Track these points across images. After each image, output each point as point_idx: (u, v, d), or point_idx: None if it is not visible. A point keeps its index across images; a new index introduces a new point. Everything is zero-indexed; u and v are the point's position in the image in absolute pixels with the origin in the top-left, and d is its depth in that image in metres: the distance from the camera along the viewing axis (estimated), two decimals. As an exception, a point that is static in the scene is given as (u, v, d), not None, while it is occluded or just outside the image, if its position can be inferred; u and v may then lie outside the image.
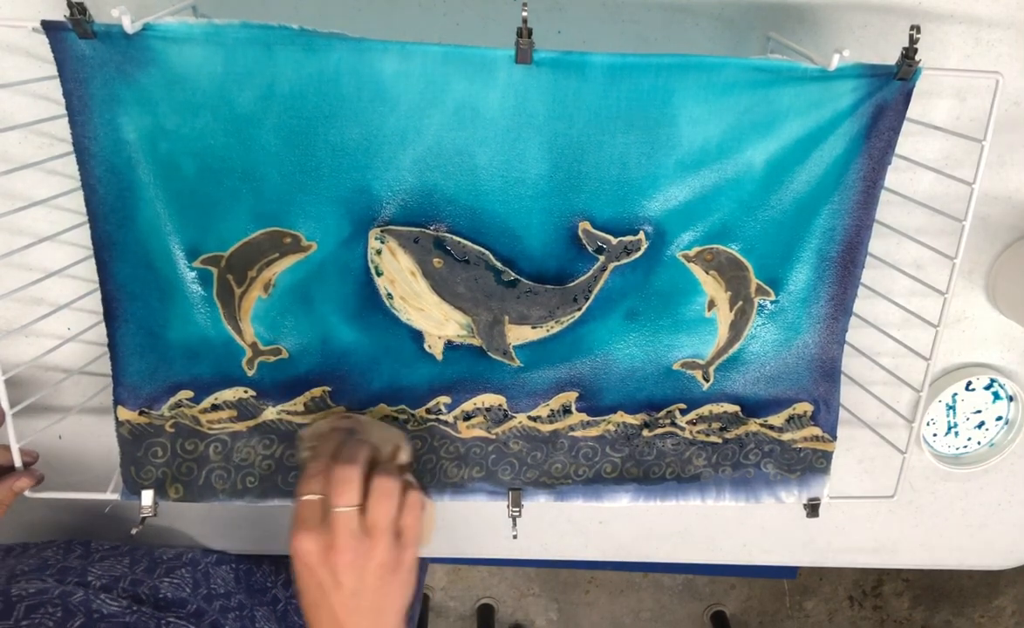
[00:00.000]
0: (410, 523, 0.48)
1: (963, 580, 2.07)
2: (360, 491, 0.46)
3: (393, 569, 0.47)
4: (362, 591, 0.46)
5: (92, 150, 0.46)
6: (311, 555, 0.45)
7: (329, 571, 0.45)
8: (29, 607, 0.53)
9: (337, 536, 0.45)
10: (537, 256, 0.52)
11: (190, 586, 0.63)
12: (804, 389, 0.59)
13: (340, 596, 0.46)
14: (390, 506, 0.46)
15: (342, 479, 0.46)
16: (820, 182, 0.51)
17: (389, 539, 0.46)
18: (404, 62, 0.45)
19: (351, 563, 0.45)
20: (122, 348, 0.52)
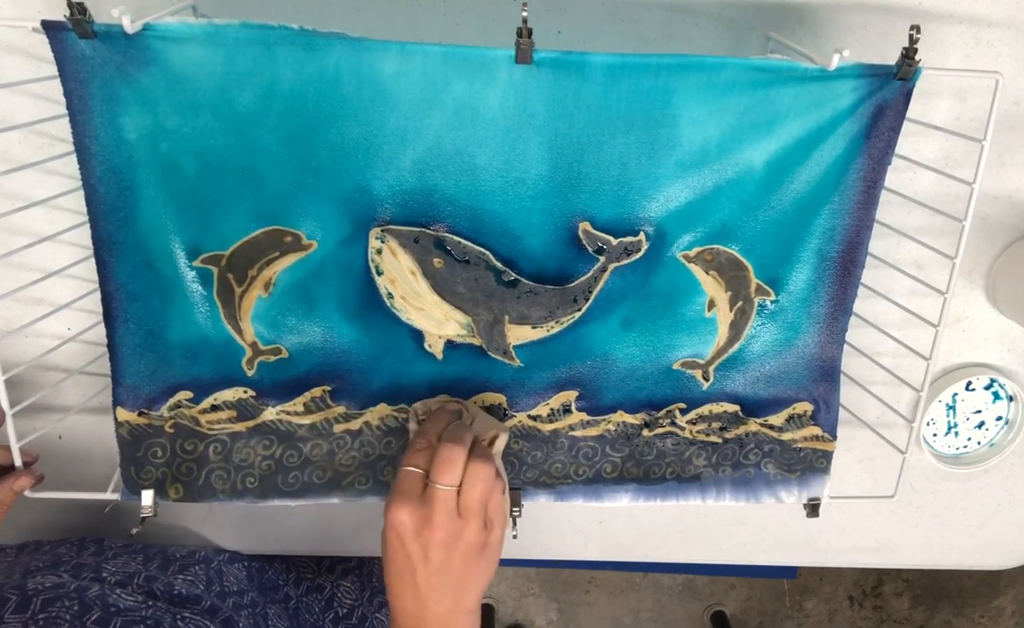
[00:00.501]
0: (495, 508, 0.49)
1: (963, 580, 2.07)
2: (461, 472, 0.48)
3: (479, 551, 0.49)
4: (448, 569, 0.48)
5: (92, 150, 0.46)
6: (406, 526, 0.47)
7: (420, 545, 0.47)
8: (46, 601, 0.53)
9: (435, 512, 0.47)
10: (537, 256, 0.52)
11: (203, 583, 0.63)
12: (804, 389, 0.59)
13: (426, 571, 0.47)
14: (484, 490, 0.48)
15: (447, 458, 0.47)
16: (820, 182, 0.51)
17: (479, 522, 0.48)
18: (404, 62, 0.45)
19: (443, 541, 0.47)
20: (121, 349, 0.52)
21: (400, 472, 0.49)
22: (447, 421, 0.52)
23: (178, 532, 0.71)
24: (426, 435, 0.50)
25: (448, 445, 0.48)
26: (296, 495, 0.57)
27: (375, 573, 0.80)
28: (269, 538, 0.72)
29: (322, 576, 0.75)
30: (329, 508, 0.71)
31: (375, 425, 0.57)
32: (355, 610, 0.75)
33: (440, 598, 0.48)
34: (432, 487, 0.47)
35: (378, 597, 0.78)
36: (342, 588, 0.75)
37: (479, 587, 0.50)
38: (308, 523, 0.72)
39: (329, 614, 0.72)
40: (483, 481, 0.48)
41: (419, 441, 0.50)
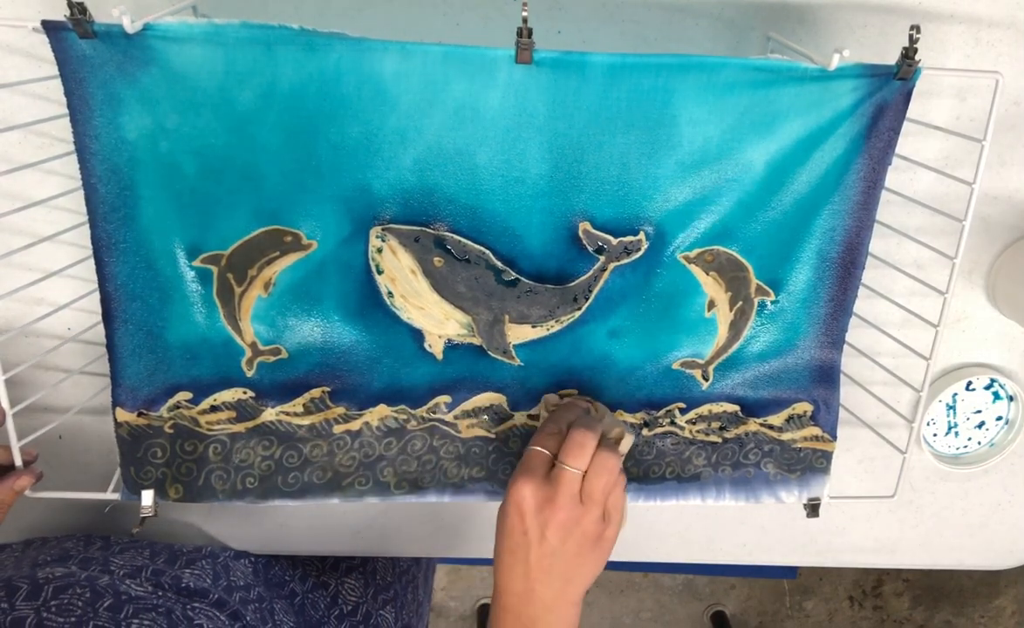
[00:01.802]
0: (615, 503, 0.50)
1: (963, 580, 2.07)
2: (590, 459, 0.49)
3: (594, 542, 0.50)
4: (561, 553, 0.49)
5: (93, 149, 0.46)
6: (528, 502, 0.48)
7: (540, 524, 0.48)
8: (57, 588, 0.54)
9: (559, 492, 0.48)
10: (537, 256, 0.52)
11: (211, 577, 0.63)
12: (804, 389, 0.59)
13: (540, 551, 0.48)
14: (608, 481, 0.49)
15: (579, 442, 0.49)
16: (820, 182, 0.51)
17: (599, 512, 0.49)
18: (404, 62, 0.45)
19: (562, 523, 0.48)
20: (121, 349, 0.52)
21: (528, 451, 0.50)
22: (577, 413, 0.53)
23: (177, 529, 0.71)
24: (557, 422, 0.52)
25: (581, 430, 0.49)
26: (296, 496, 0.57)
27: (378, 571, 0.81)
28: (268, 538, 0.72)
29: (326, 573, 0.76)
30: (329, 508, 0.71)
31: (375, 426, 0.57)
32: (360, 607, 0.75)
33: (549, 582, 0.49)
34: (560, 467, 0.48)
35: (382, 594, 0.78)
36: (346, 585, 0.75)
37: (587, 580, 0.51)
38: (308, 523, 0.72)
39: (334, 610, 0.73)
40: (609, 472, 0.49)
41: (549, 426, 0.51)
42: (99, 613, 0.52)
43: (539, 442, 0.51)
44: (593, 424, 0.51)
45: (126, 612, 0.54)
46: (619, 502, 0.51)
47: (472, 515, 0.73)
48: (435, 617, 1.96)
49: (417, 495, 0.59)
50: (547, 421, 0.53)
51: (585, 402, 0.57)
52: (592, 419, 0.52)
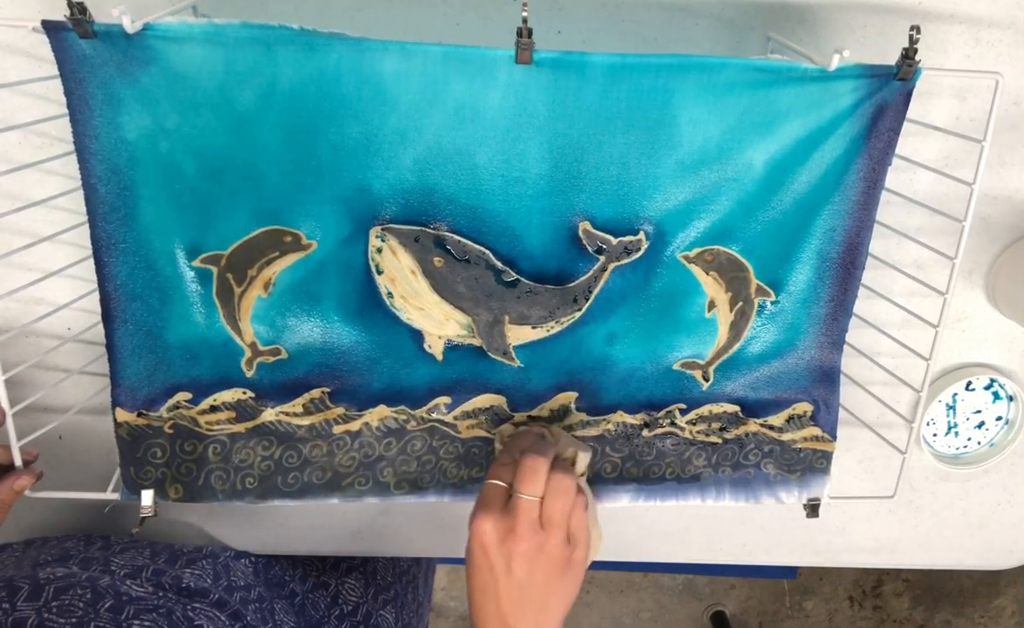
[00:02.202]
0: (578, 525, 0.50)
1: (963, 580, 2.07)
2: (544, 483, 0.48)
3: (562, 568, 0.49)
4: (529, 583, 0.48)
5: (92, 149, 0.46)
6: (489, 536, 0.48)
7: (504, 556, 0.48)
8: (58, 589, 0.54)
9: (519, 522, 0.48)
10: (537, 256, 0.52)
11: (211, 577, 0.63)
12: (804, 389, 0.59)
13: (509, 583, 0.48)
14: (565, 503, 0.48)
15: (530, 468, 0.48)
16: (820, 183, 0.51)
17: (562, 536, 0.49)
18: (404, 62, 0.45)
19: (525, 552, 0.47)
20: (120, 349, 0.52)
21: (484, 485, 0.50)
22: (530, 440, 0.53)
23: (177, 529, 0.71)
24: (510, 452, 0.52)
25: (531, 456, 0.49)
26: (295, 496, 0.57)
27: (378, 571, 0.81)
28: (268, 538, 0.72)
29: (327, 574, 0.76)
30: (329, 508, 0.71)
31: (374, 426, 0.57)
32: (360, 607, 0.75)
33: (522, 615, 0.48)
34: (516, 497, 0.48)
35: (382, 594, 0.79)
36: (347, 585, 0.75)
37: (562, 606, 0.50)
38: (308, 523, 0.72)
39: (334, 611, 0.73)
40: (564, 493, 0.48)
41: (503, 457, 0.52)
42: (100, 614, 0.52)
43: (494, 475, 0.50)
44: (544, 448, 0.50)
45: (127, 613, 0.54)
46: (582, 522, 0.50)
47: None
48: (435, 617, 1.96)
49: (417, 495, 0.59)
50: (501, 452, 0.53)
51: (539, 428, 0.57)
52: (543, 443, 0.52)
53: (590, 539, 0.52)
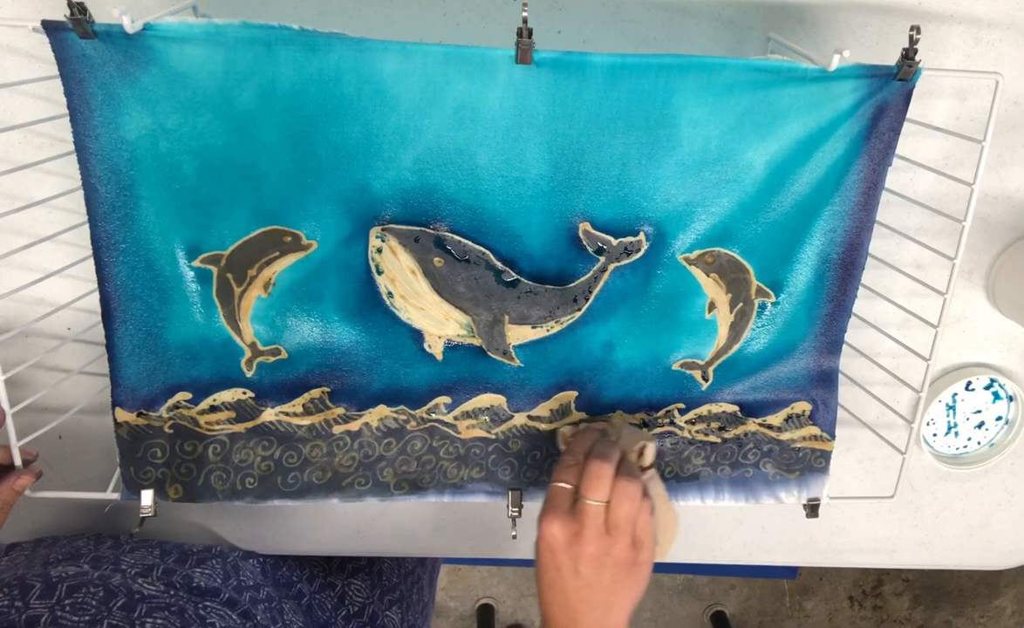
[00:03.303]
0: (643, 528, 0.50)
1: (963, 580, 2.07)
2: (610, 488, 0.49)
3: (628, 569, 0.50)
4: (596, 584, 0.49)
5: (92, 149, 0.46)
6: (557, 539, 0.49)
7: (571, 558, 0.49)
8: (70, 587, 0.54)
9: (585, 527, 0.48)
10: (537, 256, 0.52)
11: (221, 577, 0.64)
12: (802, 389, 0.59)
13: (576, 583, 0.49)
14: (631, 508, 0.49)
15: (596, 474, 0.49)
16: (820, 183, 0.51)
17: (628, 540, 0.49)
18: (404, 62, 0.45)
19: (592, 556, 0.48)
20: (120, 350, 0.52)
21: (551, 488, 0.51)
22: (593, 439, 0.53)
23: (177, 528, 0.71)
24: (573, 453, 0.52)
25: (596, 461, 0.49)
26: (295, 496, 0.57)
27: (384, 572, 0.81)
28: (268, 537, 0.72)
29: (333, 574, 0.76)
30: (329, 508, 0.71)
31: (374, 426, 0.57)
32: (366, 608, 0.75)
33: (590, 611, 0.50)
34: (582, 502, 0.49)
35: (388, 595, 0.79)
36: (353, 586, 0.76)
37: (627, 605, 0.51)
38: (308, 523, 0.72)
39: (341, 611, 0.73)
40: (630, 500, 0.49)
41: (567, 458, 0.52)
42: (113, 612, 0.53)
43: (560, 477, 0.51)
44: (608, 451, 0.51)
45: (139, 611, 0.54)
46: (647, 526, 0.50)
47: (472, 515, 0.73)
48: (435, 617, 1.96)
49: (417, 495, 0.59)
50: (565, 453, 0.53)
51: (600, 424, 0.57)
52: (607, 444, 0.52)
53: (668, 525, 0.53)
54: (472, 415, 0.58)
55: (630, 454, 0.53)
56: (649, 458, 0.54)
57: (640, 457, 0.54)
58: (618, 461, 0.50)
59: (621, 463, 0.51)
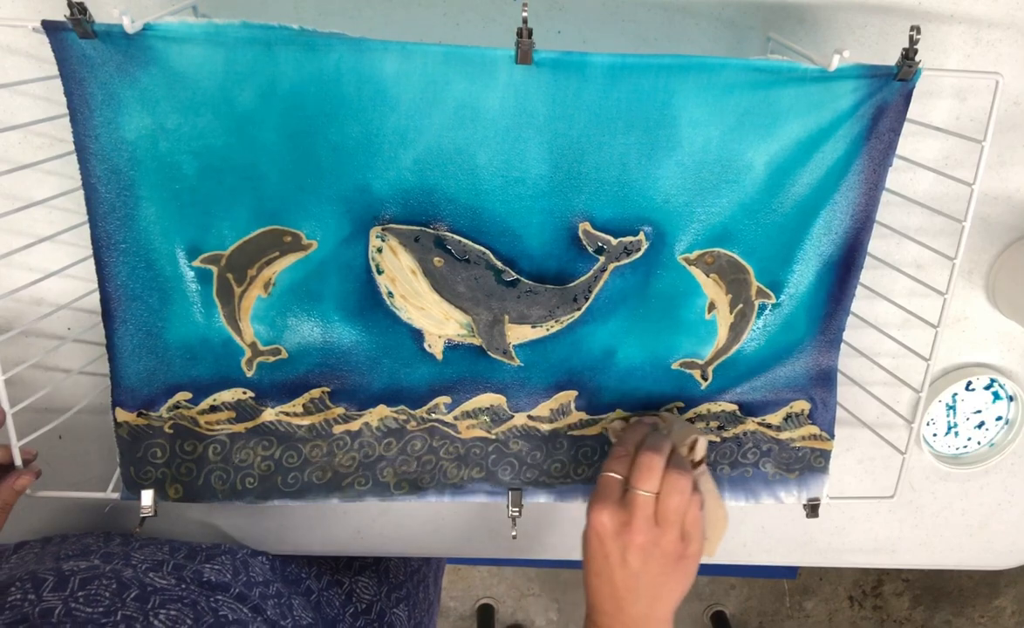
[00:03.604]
0: (692, 522, 0.51)
1: (963, 580, 2.07)
2: (660, 480, 0.49)
3: (675, 562, 0.50)
4: (644, 574, 0.50)
5: (92, 149, 0.46)
6: (606, 527, 0.50)
7: (619, 547, 0.49)
8: (83, 580, 0.54)
9: (635, 517, 0.49)
10: (537, 256, 0.52)
11: (230, 572, 0.64)
12: (801, 388, 0.59)
13: (623, 573, 0.50)
14: (681, 501, 0.49)
15: (646, 465, 0.50)
16: (821, 184, 0.51)
17: (676, 532, 0.50)
18: (404, 62, 0.45)
19: (641, 546, 0.49)
20: (120, 349, 0.52)
21: (601, 478, 0.51)
22: (644, 432, 0.54)
23: (176, 526, 0.71)
24: (624, 444, 0.53)
25: (647, 453, 0.50)
26: (295, 496, 0.57)
27: (391, 569, 0.81)
28: (269, 537, 0.72)
29: (340, 572, 0.76)
30: (329, 508, 0.71)
31: (374, 426, 0.57)
32: (374, 605, 0.75)
33: (636, 601, 0.50)
34: (632, 492, 0.49)
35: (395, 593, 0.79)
36: (360, 583, 0.76)
37: (674, 597, 0.52)
38: (308, 523, 0.72)
39: (349, 608, 0.73)
40: (680, 492, 0.49)
41: (618, 449, 0.52)
42: (127, 603, 0.53)
43: (610, 467, 0.51)
44: (660, 443, 0.51)
45: (153, 603, 0.54)
46: (696, 519, 0.51)
47: (472, 515, 0.73)
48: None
49: (417, 496, 0.59)
50: (616, 444, 0.54)
51: (651, 419, 0.57)
52: (659, 437, 0.53)
53: (718, 522, 0.54)
54: (472, 415, 0.58)
55: (681, 448, 0.54)
56: (700, 453, 0.54)
57: (691, 452, 0.54)
58: (669, 454, 0.51)
59: (672, 456, 0.51)
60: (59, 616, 0.50)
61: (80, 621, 0.50)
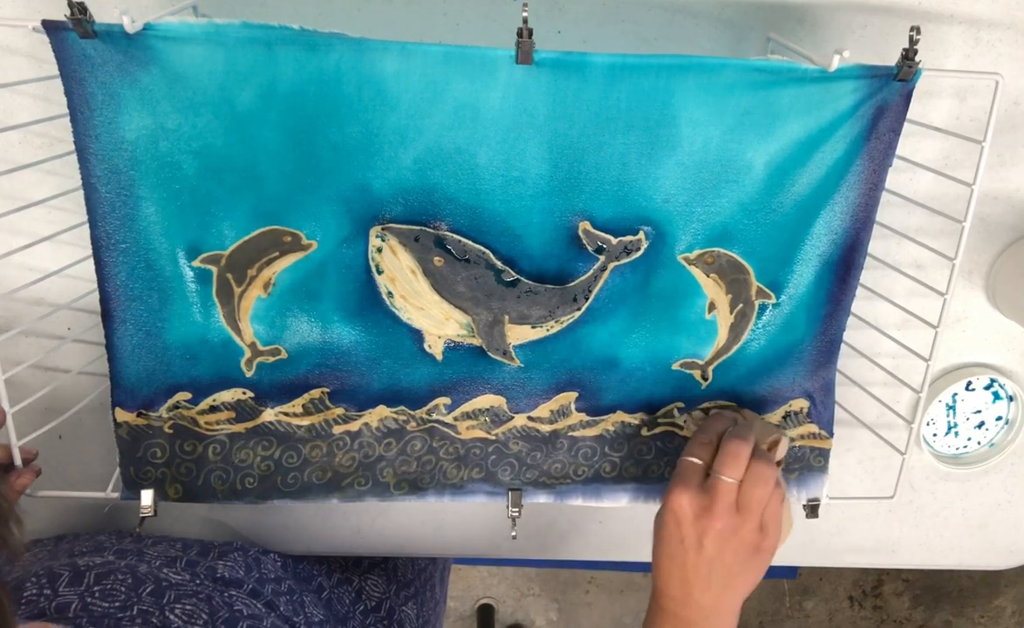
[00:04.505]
0: (772, 515, 0.50)
1: (963, 580, 2.07)
2: (744, 469, 0.49)
3: (751, 553, 0.50)
4: (718, 561, 0.49)
5: (92, 149, 0.46)
6: (685, 511, 0.49)
7: (697, 532, 0.49)
8: (99, 575, 0.54)
9: (716, 502, 0.49)
10: (537, 255, 0.52)
11: (243, 569, 0.64)
12: (800, 387, 0.59)
13: (698, 558, 0.49)
14: (764, 491, 0.49)
15: (732, 452, 0.50)
16: (821, 184, 0.51)
17: (756, 522, 0.49)
18: (405, 62, 0.45)
19: (719, 532, 0.49)
20: (120, 350, 0.52)
21: (682, 462, 0.51)
22: (727, 423, 0.54)
23: (176, 525, 0.71)
24: (707, 432, 0.52)
25: (734, 440, 0.50)
26: (295, 496, 0.57)
27: (399, 568, 0.81)
28: (269, 538, 0.72)
29: (350, 570, 0.76)
30: (329, 508, 0.71)
31: (374, 427, 0.57)
32: (383, 603, 0.75)
33: (708, 588, 0.50)
34: (715, 477, 0.49)
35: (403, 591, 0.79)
36: (369, 581, 0.76)
37: (744, 589, 0.51)
38: (308, 523, 0.72)
39: (359, 606, 0.73)
40: (765, 482, 0.49)
41: (700, 436, 0.52)
42: (142, 598, 0.53)
43: (692, 453, 0.51)
44: (746, 433, 0.51)
45: (168, 597, 0.54)
46: (776, 513, 0.51)
47: (472, 515, 0.73)
48: (435, 617, 1.96)
49: (416, 496, 0.59)
50: (698, 432, 0.54)
51: (731, 413, 0.57)
52: (745, 427, 0.53)
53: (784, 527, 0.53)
54: (472, 416, 0.58)
55: (761, 445, 0.54)
56: (781, 453, 0.54)
57: (771, 451, 0.54)
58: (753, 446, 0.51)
59: (755, 449, 0.51)
60: (75, 610, 0.50)
61: (96, 615, 0.50)
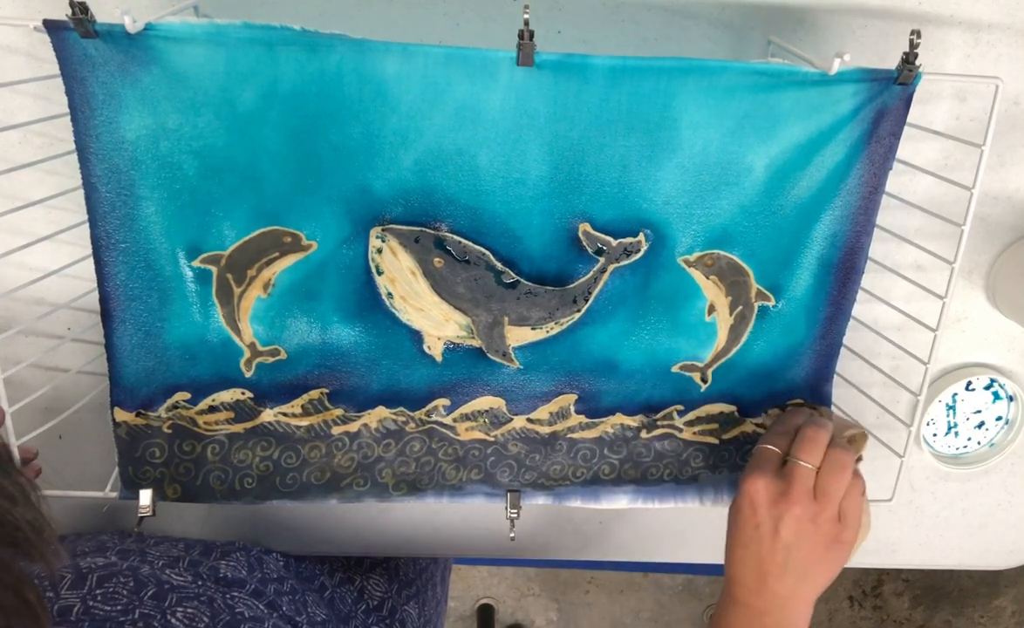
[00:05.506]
0: (851, 505, 0.49)
1: (963, 580, 2.07)
2: (822, 456, 0.49)
3: (828, 543, 0.49)
4: (795, 548, 0.48)
5: (93, 149, 0.46)
6: (762, 495, 0.49)
7: (773, 517, 0.48)
8: (101, 578, 0.54)
9: (793, 487, 0.48)
10: (537, 257, 0.52)
11: (246, 569, 0.64)
12: (799, 389, 0.59)
13: (773, 545, 0.48)
14: (842, 479, 0.49)
15: (810, 438, 0.49)
16: (821, 187, 0.51)
17: (834, 510, 0.49)
18: (405, 63, 0.45)
19: (796, 517, 0.48)
20: (119, 349, 0.52)
21: (759, 449, 0.51)
22: (805, 416, 0.53)
23: (175, 524, 0.71)
24: (785, 423, 0.52)
25: (812, 427, 0.50)
26: (294, 496, 0.57)
27: (400, 567, 0.81)
28: (269, 538, 0.72)
29: (351, 569, 0.76)
30: (328, 508, 0.71)
31: (373, 427, 0.57)
32: (385, 602, 0.75)
33: (783, 577, 0.49)
34: (793, 462, 0.49)
35: (405, 590, 0.79)
36: (371, 580, 0.76)
37: (820, 581, 0.50)
38: (308, 522, 0.72)
39: (361, 605, 0.73)
40: (843, 470, 0.49)
41: (778, 427, 0.52)
42: (144, 601, 0.53)
43: (769, 441, 0.51)
44: (824, 422, 0.51)
45: (170, 601, 0.54)
46: (856, 505, 0.50)
47: (472, 516, 0.73)
48: (435, 616, 1.96)
49: (415, 497, 0.59)
50: (775, 423, 0.54)
51: (809, 409, 0.57)
52: (823, 418, 0.53)
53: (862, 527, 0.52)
54: (471, 418, 0.58)
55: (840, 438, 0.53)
56: (861, 449, 0.54)
57: (850, 444, 0.54)
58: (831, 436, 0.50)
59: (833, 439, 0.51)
60: (77, 614, 0.50)
61: (98, 619, 0.50)
